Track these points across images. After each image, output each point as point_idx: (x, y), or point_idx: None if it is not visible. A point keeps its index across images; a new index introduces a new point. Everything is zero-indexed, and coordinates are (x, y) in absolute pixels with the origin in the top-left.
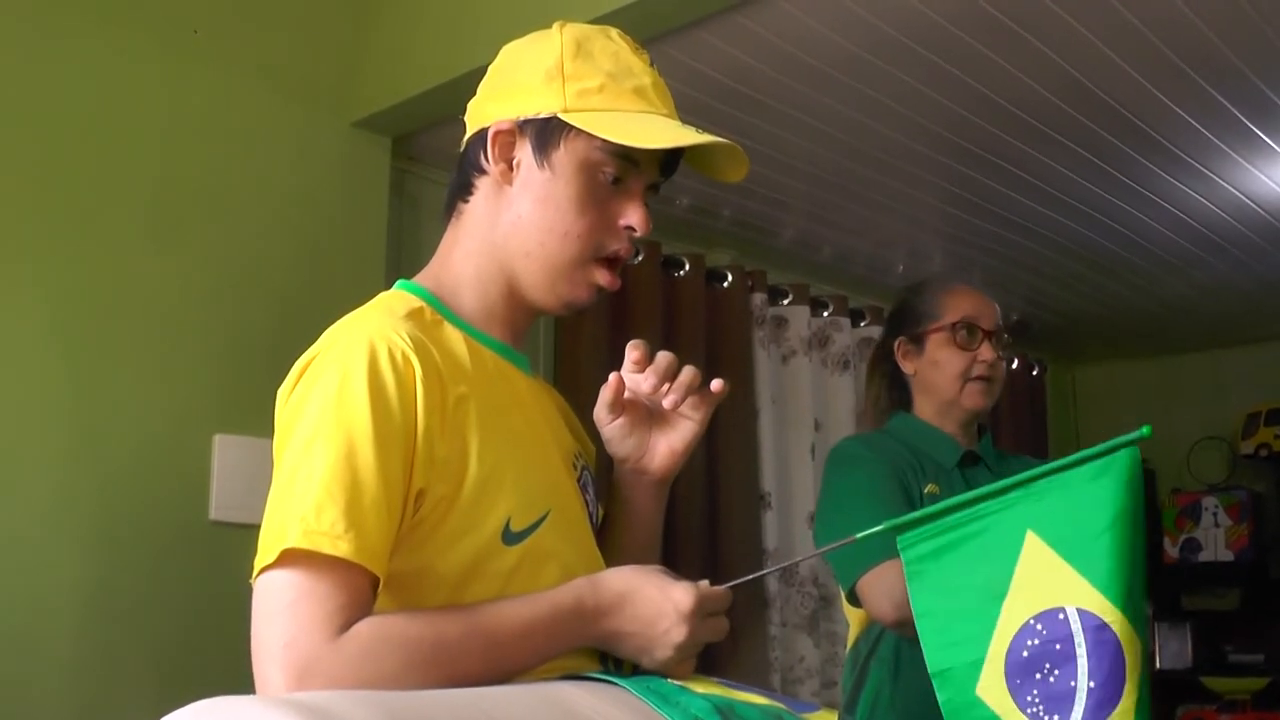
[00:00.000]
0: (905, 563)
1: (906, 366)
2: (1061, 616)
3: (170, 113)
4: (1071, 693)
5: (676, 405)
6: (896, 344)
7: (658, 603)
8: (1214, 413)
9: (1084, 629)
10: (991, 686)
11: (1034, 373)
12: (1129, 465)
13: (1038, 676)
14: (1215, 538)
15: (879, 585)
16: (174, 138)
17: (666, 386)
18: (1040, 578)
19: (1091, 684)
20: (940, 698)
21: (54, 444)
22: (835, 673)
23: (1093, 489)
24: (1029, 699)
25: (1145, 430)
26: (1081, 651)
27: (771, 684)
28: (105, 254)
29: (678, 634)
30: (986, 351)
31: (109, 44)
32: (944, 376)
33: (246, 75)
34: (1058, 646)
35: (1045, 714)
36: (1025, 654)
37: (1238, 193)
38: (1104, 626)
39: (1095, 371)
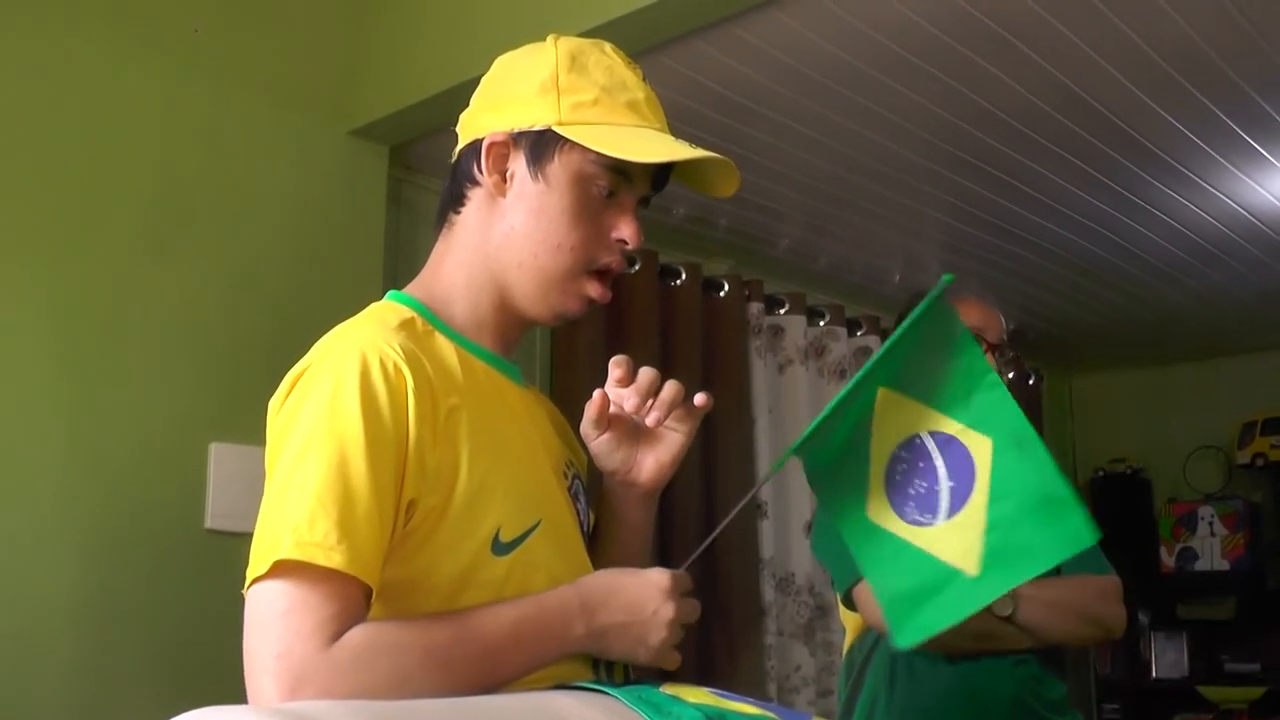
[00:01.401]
0: (806, 473)
1: None
2: (918, 441)
3: (168, 121)
4: (936, 494)
5: (659, 423)
6: None
7: (640, 588)
8: (1210, 422)
9: (936, 445)
10: (879, 510)
11: (1030, 382)
12: (945, 311)
13: (910, 492)
14: (1211, 547)
15: None
16: (172, 146)
17: (650, 404)
18: (895, 418)
19: (951, 484)
20: (845, 536)
21: (51, 451)
22: (831, 682)
23: (916, 336)
24: (907, 510)
25: (947, 277)
26: (939, 462)
27: (768, 693)
28: (103, 262)
29: (666, 612)
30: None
31: (108, 53)
32: None
33: (244, 84)
34: (920, 464)
35: (920, 516)
36: (899, 478)
37: (1233, 204)
38: (950, 439)
39: (1091, 381)
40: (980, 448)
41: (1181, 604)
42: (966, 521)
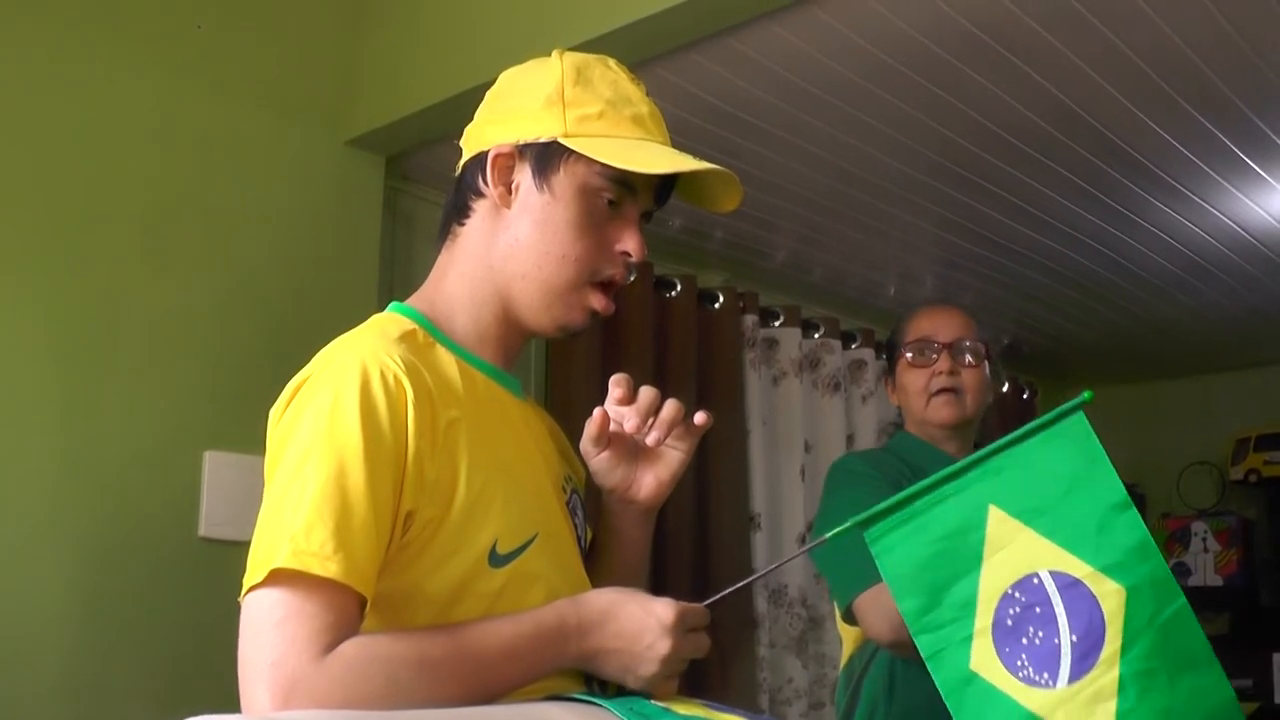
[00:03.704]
0: (875, 555)
1: (892, 399)
2: (1036, 581)
3: (163, 130)
4: (1056, 650)
5: (659, 443)
6: (885, 381)
7: (640, 618)
8: (1204, 438)
9: (1058, 589)
10: (984, 659)
11: (1025, 396)
12: (1078, 428)
13: (1024, 641)
14: (1205, 563)
15: (876, 604)
16: (167, 155)
17: (650, 423)
18: (1010, 548)
19: (1074, 638)
20: (937, 680)
21: (45, 458)
22: (823, 694)
23: (1045, 455)
24: (1019, 663)
25: (1087, 395)
26: (1060, 610)
27: (760, 705)
28: (98, 270)
29: (661, 647)
30: (942, 363)
31: (104, 62)
32: (910, 396)
33: (241, 93)
34: (1038, 610)
35: (1036, 674)
36: (1010, 623)
37: (1228, 220)
38: (1076, 583)
39: None
40: (1111, 597)
41: None
42: (1093, 689)
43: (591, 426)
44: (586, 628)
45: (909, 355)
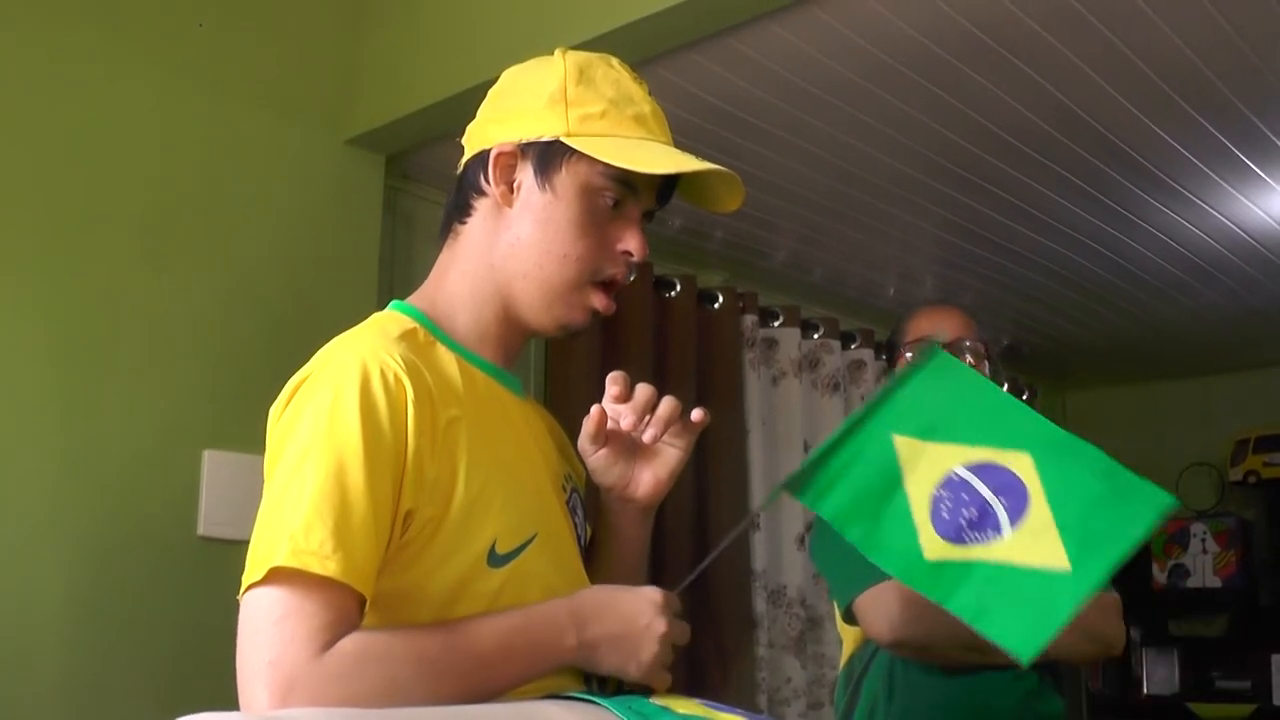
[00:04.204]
0: (811, 506)
1: None
2: (955, 477)
3: (163, 129)
4: (992, 512)
5: (656, 440)
6: (884, 382)
7: (634, 601)
8: (1203, 439)
9: (975, 474)
10: (934, 547)
11: (1024, 397)
12: (945, 360)
13: (961, 522)
14: (1203, 564)
15: (877, 604)
16: (167, 154)
17: (646, 420)
18: (922, 462)
19: (1004, 501)
20: (904, 581)
21: (44, 457)
22: (822, 694)
23: (926, 386)
24: (966, 538)
25: (935, 348)
26: (983, 489)
27: (758, 705)
28: (98, 269)
29: (659, 626)
30: None
31: (103, 61)
32: None
33: (241, 92)
34: (965, 496)
35: (982, 535)
36: (946, 515)
37: (1228, 221)
38: (989, 464)
39: (1086, 396)
40: (1019, 463)
41: (1173, 620)
42: (1035, 526)
43: (589, 424)
44: (583, 619)
45: (908, 355)
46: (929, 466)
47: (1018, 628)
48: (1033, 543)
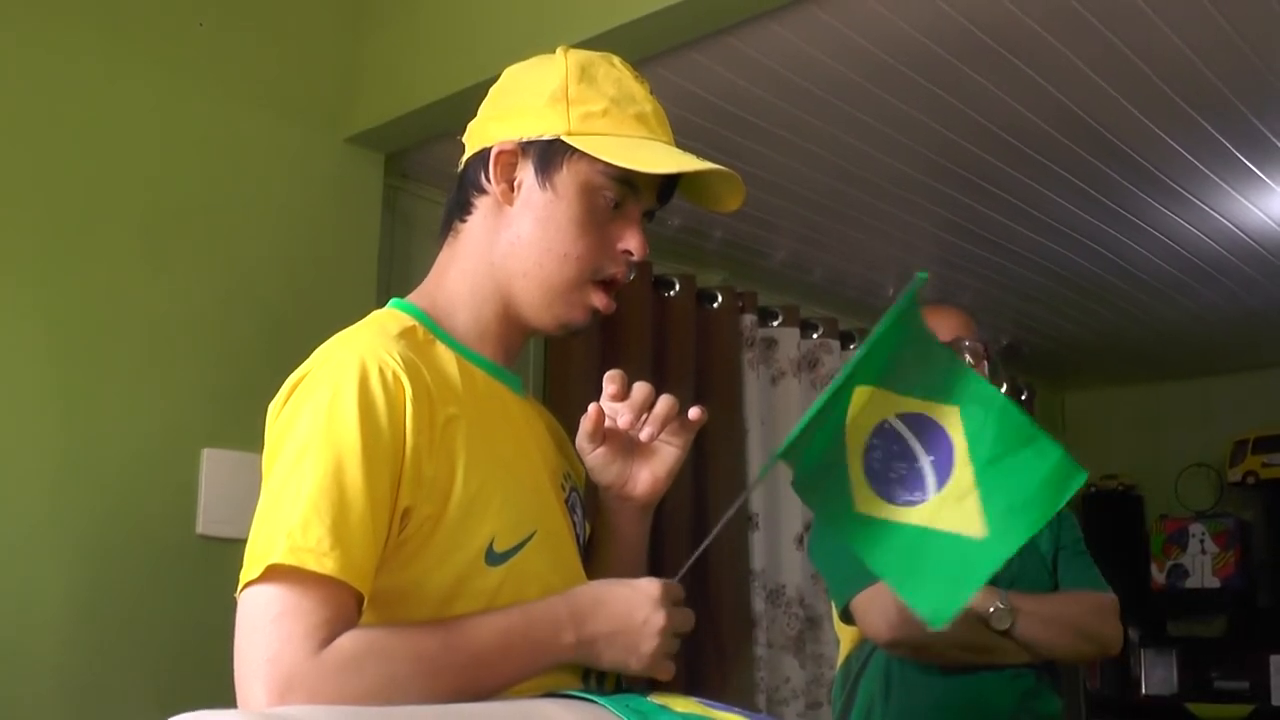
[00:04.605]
0: (796, 480)
1: None
2: (887, 427)
3: (163, 128)
4: (920, 472)
5: (653, 438)
6: None
7: (631, 597)
8: (1202, 440)
9: (906, 426)
10: (865, 500)
11: (1023, 397)
12: (905, 307)
13: (892, 476)
14: (1202, 565)
15: (874, 604)
16: (167, 153)
17: (643, 419)
18: (865, 411)
19: (931, 458)
20: (837, 535)
21: (44, 456)
22: (821, 694)
23: (885, 334)
24: (896, 494)
25: (921, 275)
26: (913, 441)
27: (757, 705)
28: (97, 268)
29: (657, 620)
30: None
31: (103, 60)
32: None
33: (240, 91)
34: (894, 447)
35: (910, 495)
36: (877, 466)
37: (1228, 222)
38: (918, 416)
39: (1084, 397)
40: (949, 417)
41: (1172, 621)
42: (957, 490)
43: (586, 423)
44: (581, 616)
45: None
46: (868, 414)
47: (933, 593)
48: (953, 508)
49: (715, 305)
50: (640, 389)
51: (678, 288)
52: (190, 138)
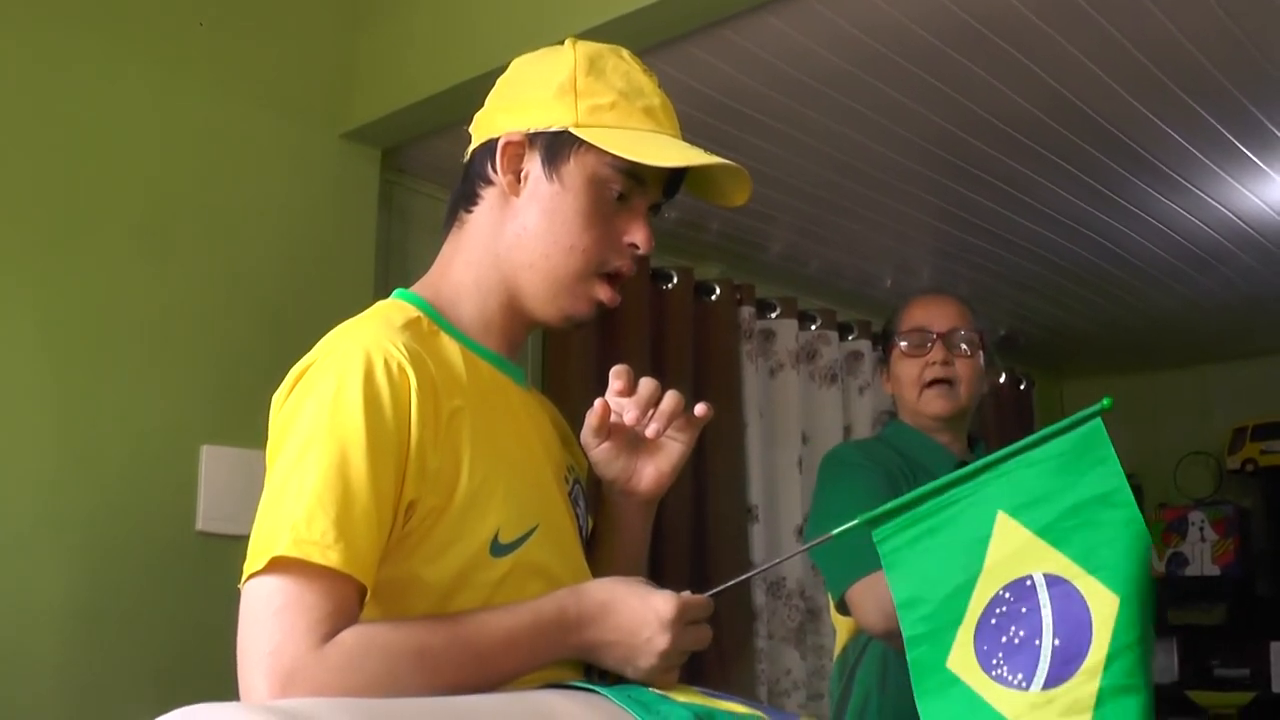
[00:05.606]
0: (882, 555)
1: (886, 388)
2: (1029, 583)
3: (160, 124)
4: (1036, 652)
5: (659, 434)
6: (880, 371)
7: (639, 611)
8: (1201, 428)
9: (1049, 590)
10: (961, 657)
11: (1021, 387)
12: (1094, 436)
13: (1003, 640)
14: (1202, 552)
15: (869, 595)
16: (164, 149)
17: (649, 415)
18: (1010, 552)
19: (1056, 642)
20: (912, 673)
21: (42, 453)
22: (822, 685)
23: (1058, 462)
24: (994, 663)
25: (1106, 402)
26: (1046, 612)
27: (758, 696)
28: (95, 265)
29: (660, 642)
30: (936, 353)
31: (101, 57)
32: (903, 387)
33: (237, 87)
34: (1024, 610)
35: (1010, 674)
36: (993, 621)
37: (1225, 210)
38: (1067, 584)
39: (1083, 386)
40: (1103, 603)
41: (1172, 609)
42: (1069, 699)
43: (592, 418)
44: (586, 620)
45: (903, 344)
46: (1014, 559)
47: None
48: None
49: (713, 298)
50: (646, 385)
51: (676, 280)
52: (188, 134)
